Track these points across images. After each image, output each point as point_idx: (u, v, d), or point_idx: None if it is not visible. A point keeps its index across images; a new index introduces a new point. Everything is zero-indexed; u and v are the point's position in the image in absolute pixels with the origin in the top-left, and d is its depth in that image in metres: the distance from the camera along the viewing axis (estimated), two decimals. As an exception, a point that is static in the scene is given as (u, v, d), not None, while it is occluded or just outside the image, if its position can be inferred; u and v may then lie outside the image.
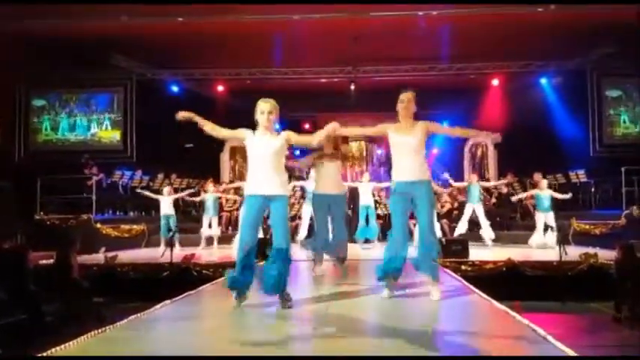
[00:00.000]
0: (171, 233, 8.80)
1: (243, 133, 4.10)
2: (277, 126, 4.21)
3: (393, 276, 4.37)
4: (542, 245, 9.34)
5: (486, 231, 9.87)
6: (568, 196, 9.65)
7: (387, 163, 15.53)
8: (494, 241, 9.96)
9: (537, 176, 11.20)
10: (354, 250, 8.47)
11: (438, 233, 9.41)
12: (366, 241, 10.29)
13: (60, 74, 12.96)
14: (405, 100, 4.35)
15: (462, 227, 10.08)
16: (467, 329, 3.41)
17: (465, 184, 10.43)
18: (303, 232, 10.13)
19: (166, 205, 10.21)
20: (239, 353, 2.83)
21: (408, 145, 4.33)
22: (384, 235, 9.42)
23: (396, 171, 4.42)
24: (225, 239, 10.52)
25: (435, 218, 10.22)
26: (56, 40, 10.74)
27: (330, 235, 6.01)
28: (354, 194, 10.74)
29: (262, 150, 4.02)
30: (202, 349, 2.94)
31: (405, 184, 4.33)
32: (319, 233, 5.90)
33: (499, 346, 2.94)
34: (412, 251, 4.46)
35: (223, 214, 12.04)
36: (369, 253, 8.82)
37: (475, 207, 9.94)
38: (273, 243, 4.01)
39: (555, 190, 10.18)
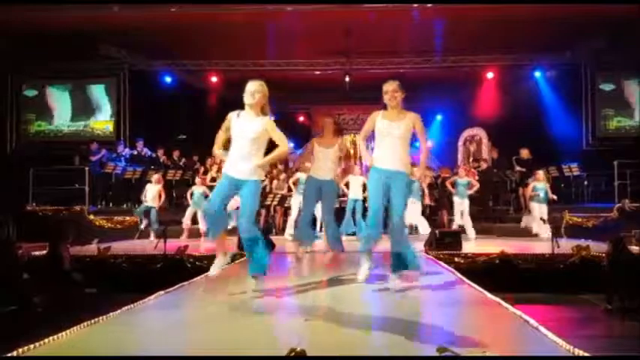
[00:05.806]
0: (162, 227, 8.74)
1: (228, 119, 4.07)
2: (269, 115, 4.10)
3: (373, 240, 4.39)
4: (530, 227, 9.34)
5: (468, 228, 9.87)
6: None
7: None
8: (487, 233, 9.98)
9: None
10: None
11: (426, 229, 9.43)
12: (352, 234, 10.04)
13: (52, 65, 12.83)
14: (390, 91, 4.31)
15: (457, 222, 10.00)
16: (459, 320, 3.42)
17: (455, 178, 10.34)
18: (291, 223, 10.03)
19: (151, 194, 9.99)
20: (232, 345, 2.83)
21: (393, 132, 4.28)
22: None
23: (376, 157, 4.35)
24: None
25: (420, 211, 10.30)
26: (49, 31, 10.63)
27: (319, 225, 6.00)
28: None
29: (240, 132, 3.98)
30: (195, 341, 2.94)
31: (382, 171, 4.29)
32: (304, 215, 5.95)
33: (491, 337, 2.95)
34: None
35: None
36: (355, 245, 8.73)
37: (462, 202, 9.94)
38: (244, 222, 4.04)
39: (549, 182, 10.21)
